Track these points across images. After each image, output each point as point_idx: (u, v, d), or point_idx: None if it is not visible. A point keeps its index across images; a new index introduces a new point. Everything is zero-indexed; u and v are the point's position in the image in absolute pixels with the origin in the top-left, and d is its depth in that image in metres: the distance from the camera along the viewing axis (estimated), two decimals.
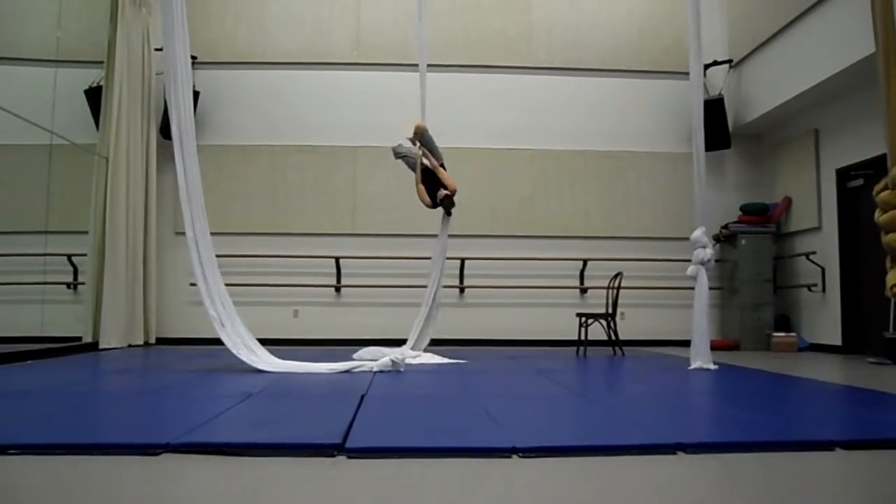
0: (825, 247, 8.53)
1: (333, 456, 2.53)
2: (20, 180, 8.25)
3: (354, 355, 6.34)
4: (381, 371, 5.46)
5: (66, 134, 7.76)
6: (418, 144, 7.28)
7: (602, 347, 8.11)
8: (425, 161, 7.21)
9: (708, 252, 6.28)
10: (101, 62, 8.26)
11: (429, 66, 7.69)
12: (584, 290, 9.49)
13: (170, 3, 5.62)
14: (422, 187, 7.16)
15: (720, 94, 9.47)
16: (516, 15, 9.81)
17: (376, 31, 9.65)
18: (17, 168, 8.19)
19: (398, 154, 7.51)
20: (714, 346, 6.63)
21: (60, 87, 7.83)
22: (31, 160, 8.03)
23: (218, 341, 5.53)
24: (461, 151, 9.09)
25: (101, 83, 8.31)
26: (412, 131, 7.25)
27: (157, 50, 8.50)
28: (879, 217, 6.54)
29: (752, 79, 9.32)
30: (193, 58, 7.10)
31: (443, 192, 7.11)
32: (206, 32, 9.33)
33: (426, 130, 7.22)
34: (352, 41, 9.67)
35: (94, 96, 8.41)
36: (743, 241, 9.21)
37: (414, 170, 7.29)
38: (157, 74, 8.79)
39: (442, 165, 7.22)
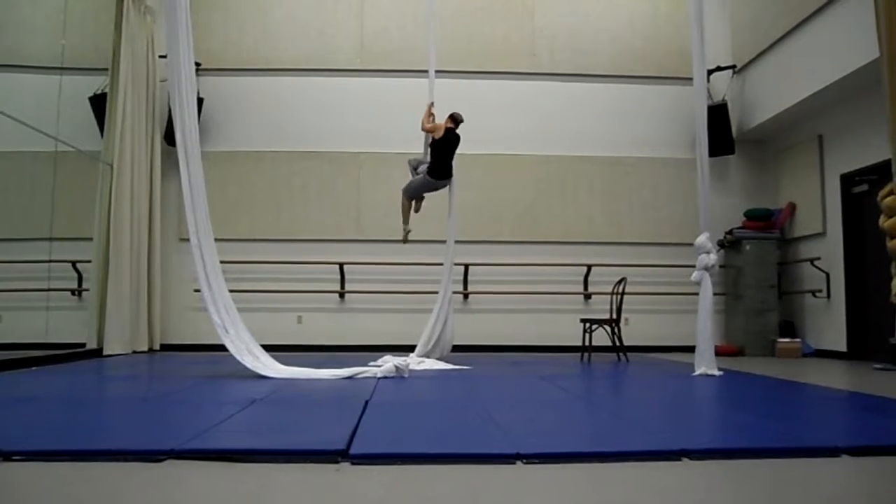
0: (830, 252, 8.51)
1: (337, 462, 2.53)
2: (25, 187, 8.29)
3: (373, 363, 6.26)
4: (384, 377, 5.45)
5: (70, 141, 7.79)
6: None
7: (606, 353, 8.10)
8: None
9: (712, 258, 6.26)
10: (106, 69, 8.29)
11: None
12: (588, 296, 9.48)
13: (174, 10, 5.65)
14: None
15: (724, 99, 9.46)
16: (519, 21, 9.82)
17: (380, 37, 9.67)
18: (23, 175, 8.23)
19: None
20: (718, 352, 6.62)
21: (65, 95, 7.87)
22: (36, 167, 8.07)
23: (222, 347, 5.53)
24: (464, 158, 9.02)
25: (106, 90, 8.34)
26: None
27: (161, 57, 8.51)
28: (884, 222, 6.54)
29: (756, 84, 9.31)
30: (197, 64, 7.12)
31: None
32: (210, 39, 9.36)
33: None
34: (356, 47, 9.69)
35: (99, 103, 8.44)
36: (747, 247, 9.19)
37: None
38: (161, 81, 8.81)
39: None
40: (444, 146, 7.20)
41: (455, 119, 7.30)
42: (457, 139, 7.30)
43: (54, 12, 8.10)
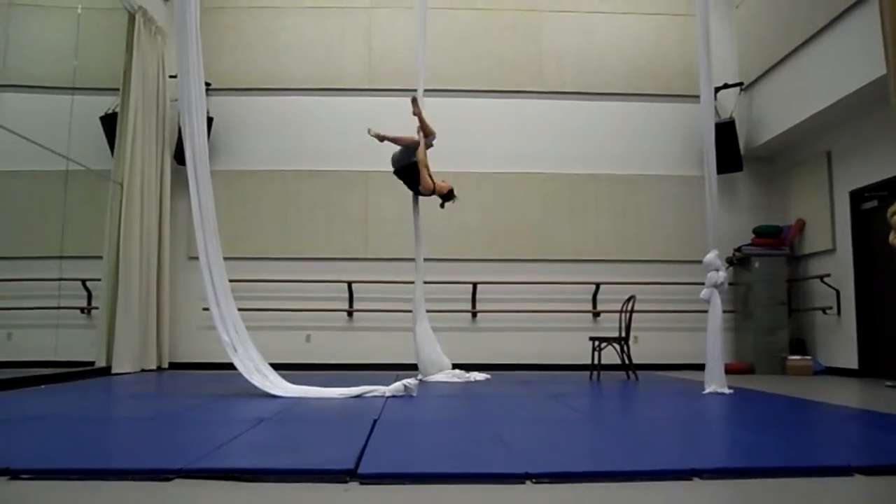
0: (840, 269, 8.46)
1: (346, 482, 2.52)
2: (36, 206, 8.33)
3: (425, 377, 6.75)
4: (393, 396, 5.44)
5: (81, 160, 7.85)
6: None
7: (615, 371, 8.04)
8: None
9: (721, 275, 6.24)
10: (117, 89, 8.38)
11: (440, 91, 7.84)
12: (596, 314, 9.45)
13: (185, 31, 5.70)
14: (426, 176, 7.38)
15: (731, 116, 9.47)
16: (527, 41, 9.88)
17: (388, 57, 9.74)
18: (34, 193, 8.27)
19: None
20: (728, 370, 6.57)
21: (77, 114, 7.93)
22: (47, 186, 8.11)
23: (231, 366, 5.52)
24: (473, 176, 9.14)
25: (117, 110, 8.42)
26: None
27: (171, 77, 8.60)
28: (894, 239, 6.50)
29: (764, 101, 9.32)
30: (207, 84, 7.17)
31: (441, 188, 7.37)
32: (220, 60, 9.44)
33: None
34: (363, 67, 9.77)
35: (110, 123, 8.51)
36: (756, 264, 9.16)
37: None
38: (171, 101, 8.89)
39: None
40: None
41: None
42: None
43: (66, 34, 8.19)
